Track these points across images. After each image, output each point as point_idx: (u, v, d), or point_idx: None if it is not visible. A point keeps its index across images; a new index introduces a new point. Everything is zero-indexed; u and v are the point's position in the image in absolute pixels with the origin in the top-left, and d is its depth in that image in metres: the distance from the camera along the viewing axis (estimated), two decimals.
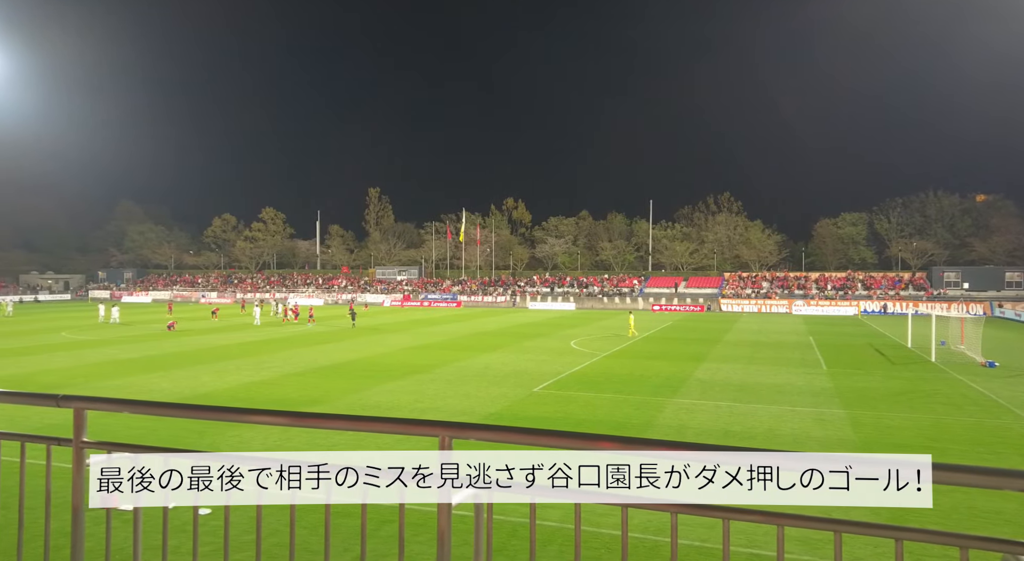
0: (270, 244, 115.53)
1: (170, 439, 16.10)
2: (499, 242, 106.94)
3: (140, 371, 28.56)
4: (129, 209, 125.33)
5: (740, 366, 30.72)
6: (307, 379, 26.69)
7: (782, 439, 17.67)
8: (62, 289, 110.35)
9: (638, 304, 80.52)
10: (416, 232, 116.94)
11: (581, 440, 2.38)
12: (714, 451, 2.30)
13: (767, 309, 76.28)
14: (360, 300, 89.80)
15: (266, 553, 2.70)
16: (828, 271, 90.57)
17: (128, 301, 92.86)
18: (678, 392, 23.96)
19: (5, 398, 3.34)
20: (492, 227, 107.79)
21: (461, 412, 20.71)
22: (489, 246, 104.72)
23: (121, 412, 3.04)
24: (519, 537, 10.59)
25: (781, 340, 43.26)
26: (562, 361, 31.92)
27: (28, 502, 3.06)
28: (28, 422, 17.41)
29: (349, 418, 2.64)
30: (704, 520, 2.38)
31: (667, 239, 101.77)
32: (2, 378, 26.53)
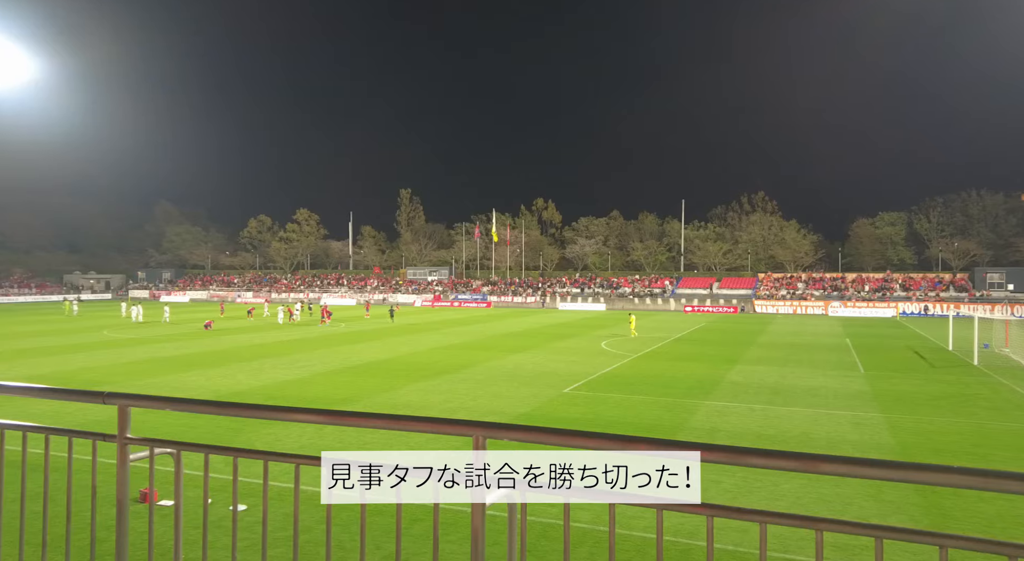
0: (304, 245, 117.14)
1: (208, 436, 16.44)
2: (529, 243, 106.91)
3: (179, 369, 29.20)
4: (167, 210, 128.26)
5: (774, 368, 30.26)
6: (339, 378, 27.00)
7: (816, 443, 17.36)
8: (103, 289, 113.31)
9: (670, 305, 79.80)
10: (447, 233, 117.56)
11: (614, 441, 2.37)
12: (743, 455, 2.27)
13: (802, 310, 74.98)
14: (391, 300, 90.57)
15: (300, 549, 2.74)
16: (865, 272, 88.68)
17: (167, 300, 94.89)
18: (710, 394, 23.68)
19: (54, 395, 3.45)
20: (522, 228, 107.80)
21: (491, 412, 20.76)
22: (519, 247, 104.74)
23: (163, 409, 3.11)
24: (549, 538, 10.58)
25: (817, 342, 42.49)
26: (593, 362, 31.78)
27: (74, 495, 3.15)
28: (72, 418, 17.92)
29: (385, 417, 2.67)
30: (738, 523, 2.35)
31: (700, 239, 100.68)
32: (49, 375, 27.36)
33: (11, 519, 3.23)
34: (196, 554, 2.75)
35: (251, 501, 10.31)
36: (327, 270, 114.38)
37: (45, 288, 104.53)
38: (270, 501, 2.79)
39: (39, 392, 3.51)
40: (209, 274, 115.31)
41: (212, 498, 11.27)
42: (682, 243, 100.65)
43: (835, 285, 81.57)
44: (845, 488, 13.07)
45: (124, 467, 2.99)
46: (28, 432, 3.26)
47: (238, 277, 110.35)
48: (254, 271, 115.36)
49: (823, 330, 52.14)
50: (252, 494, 10.35)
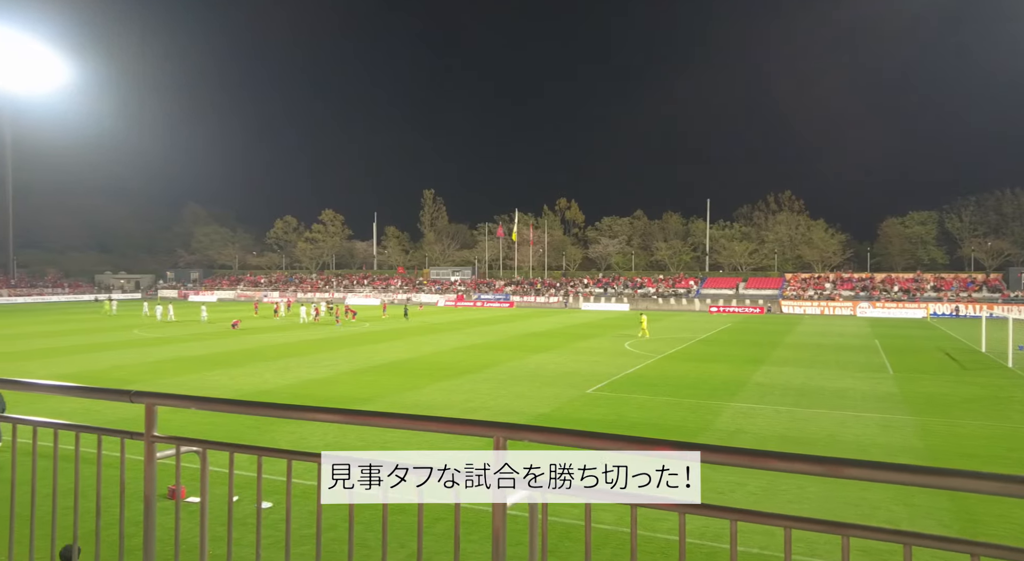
0: (329, 245, 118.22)
1: (232, 434, 16.66)
2: (552, 242, 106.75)
3: (205, 368, 29.64)
4: (195, 211, 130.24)
5: (801, 369, 29.86)
6: (362, 377, 27.20)
7: (844, 445, 17.09)
8: (133, 288, 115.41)
9: (694, 305, 79.16)
10: (469, 233, 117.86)
11: (636, 443, 2.35)
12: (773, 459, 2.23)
13: (830, 311, 73.90)
14: (415, 300, 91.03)
15: (324, 547, 2.76)
16: (895, 272, 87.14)
17: (196, 300, 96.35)
18: (735, 396, 23.45)
19: (84, 393, 3.52)
20: (545, 227, 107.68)
21: (513, 412, 20.77)
22: (542, 246, 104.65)
23: (189, 408, 3.16)
24: (572, 539, 10.55)
25: (844, 343, 41.85)
26: (616, 363, 31.64)
27: (103, 491, 3.21)
28: (102, 416, 18.27)
29: (407, 417, 2.68)
30: (764, 527, 2.32)
31: (725, 239, 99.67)
32: (80, 373, 27.95)
33: (43, 514, 3.31)
34: (222, 550, 2.79)
35: (275, 498, 10.43)
36: (352, 270, 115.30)
37: (78, 288, 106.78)
38: (294, 499, 2.82)
39: (70, 390, 3.59)
40: (236, 274, 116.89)
41: (237, 495, 11.45)
42: (707, 243, 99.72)
43: (863, 285, 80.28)
44: (873, 492, 12.85)
45: (151, 464, 3.04)
46: (59, 429, 3.33)
47: (265, 277, 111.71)
48: (280, 271, 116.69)
49: (851, 331, 51.34)
50: (276, 492, 10.48)
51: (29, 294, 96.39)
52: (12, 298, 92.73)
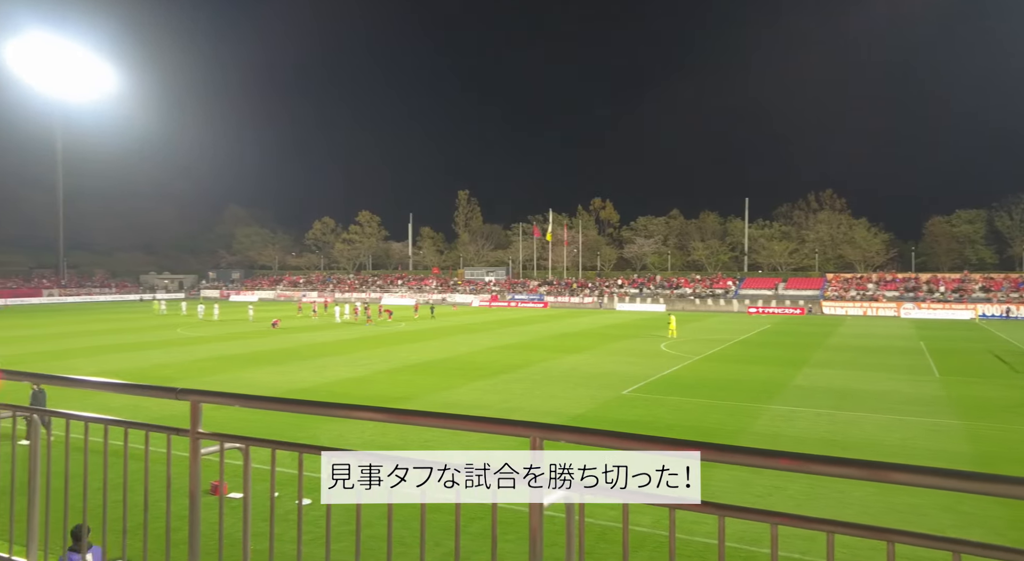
0: (366, 246, 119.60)
1: (272, 431, 16.96)
2: (586, 243, 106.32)
3: (246, 366, 30.26)
4: (236, 213, 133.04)
5: (843, 372, 29.21)
6: (398, 376, 27.47)
7: (888, 450, 16.67)
8: (177, 288, 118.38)
9: (732, 306, 78.02)
10: (503, 233, 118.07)
11: (673, 445, 2.33)
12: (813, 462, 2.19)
13: (873, 312, 72.09)
14: (449, 300, 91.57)
15: (363, 544, 2.80)
16: (941, 272, 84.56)
17: (238, 300, 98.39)
18: (774, 398, 23.05)
19: (132, 390, 3.63)
20: (579, 228, 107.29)
21: (547, 413, 20.74)
22: (576, 247, 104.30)
23: (232, 405, 3.23)
24: (607, 541, 10.50)
25: (888, 345, 40.79)
26: (652, 364, 31.37)
27: (151, 486, 3.31)
28: (147, 412, 18.78)
29: (445, 416, 2.70)
30: (804, 532, 2.28)
31: (764, 238, 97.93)
32: (126, 370, 28.79)
33: (94, 507, 3.42)
34: (263, 545, 2.86)
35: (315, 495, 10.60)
36: (388, 271, 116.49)
37: (124, 288, 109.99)
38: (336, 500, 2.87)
39: (119, 387, 3.71)
40: (276, 274, 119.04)
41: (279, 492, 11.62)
42: (746, 242, 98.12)
43: (908, 286, 78.13)
44: (918, 498, 12.51)
45: (196, 460, 3.12)
46: (109, 425, 3.44)
47: (304, 277, 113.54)
48: (319, 272, 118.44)
49: (895, 332, 50.01)
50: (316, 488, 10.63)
51: (78, 293, 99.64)
52: (63, 297, 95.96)
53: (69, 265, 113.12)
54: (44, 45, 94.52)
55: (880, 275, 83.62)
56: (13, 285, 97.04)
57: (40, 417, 3.75)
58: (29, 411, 3.75)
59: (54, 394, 18.18)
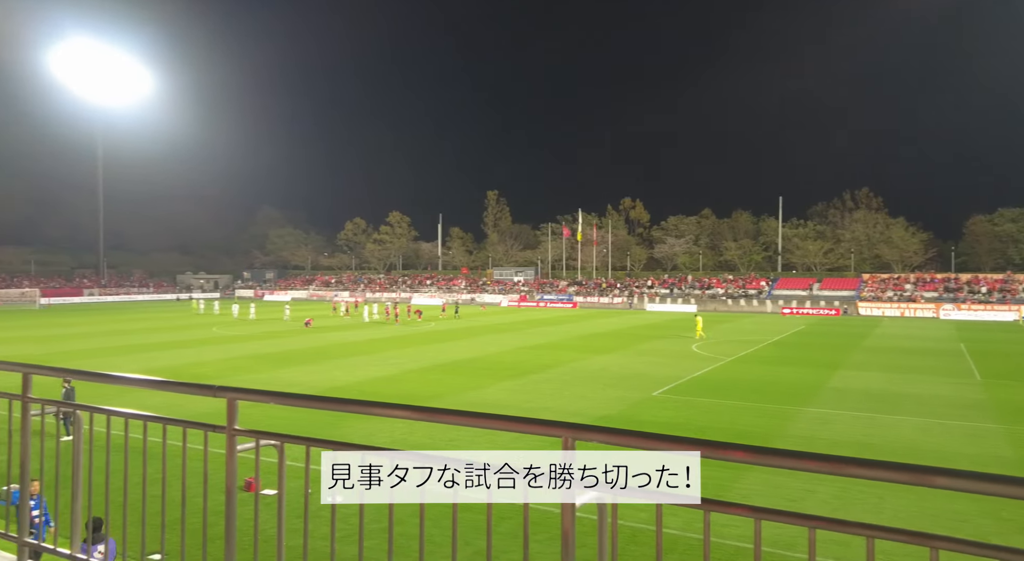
0: (396, 246, 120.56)
1: (306, 428, 17.19)
2: (616, 242, 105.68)
3: (279, 365, 30.71)
4: (270, 214, 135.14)
5: (880, 374, 28.59)
6: (428, 375, 27.62)
7: (926, 454, 16.29)
8: (212, 288, 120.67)
9: (766, 307, 76.89)
10: (532, 233, 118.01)
11: (707, 448, 2.30)
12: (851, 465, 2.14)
13: (911, 313, 70.43)
14: (478, 300, 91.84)
15: (394, 541, 2.82)
16: (983, 272, 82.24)
17: (272, 300, 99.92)
18: (809, 401, 22.66)
19: (171, 387, 3.71)
20: (609, 227, 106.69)
21: (576, 413, 20.66)
22: (606, 247, 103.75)
23: (267, 403, 3.28)
24: (638, 542, 10.42)
25: (927, 347, 39.81)
26: (683, 365, 31.06)
27: (188, 481, 3.38)
28: (182, 409, 19.16)
29: (476, 415, 2.71)
30: (838, 536, 2.23)
31: (798, 238, 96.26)
32: (164, 368, 29.43)
33: (134, 501, 3.50)
34: (297, 541, 2.90)
35: None
36: (417, 271, 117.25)
37: (160, 287, 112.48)
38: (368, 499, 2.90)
39: (159, 384, 3.79)
40: (309, 274, 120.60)
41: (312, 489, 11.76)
42: (779, 242, 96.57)
43: (948, 286, 76.16)
44: (958, 504, 12.19)
45: (232, 457, 3.17)
46: (148, 422, 3.52)
47: (335, 277, 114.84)
48: (350, 272, 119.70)
49: (934, 334, 48.79)
50: None
51: (117, 293, 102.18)
52: (102, 297, 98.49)
53: (109, 265, 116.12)
54: (85, 51, 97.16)
55: (918, 275, 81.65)
56: (56, 285, 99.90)
57: (79, 413, 3.85)
58: (72, 407, 3.85)
59: (96, 391, 18.69)
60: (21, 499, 3.93)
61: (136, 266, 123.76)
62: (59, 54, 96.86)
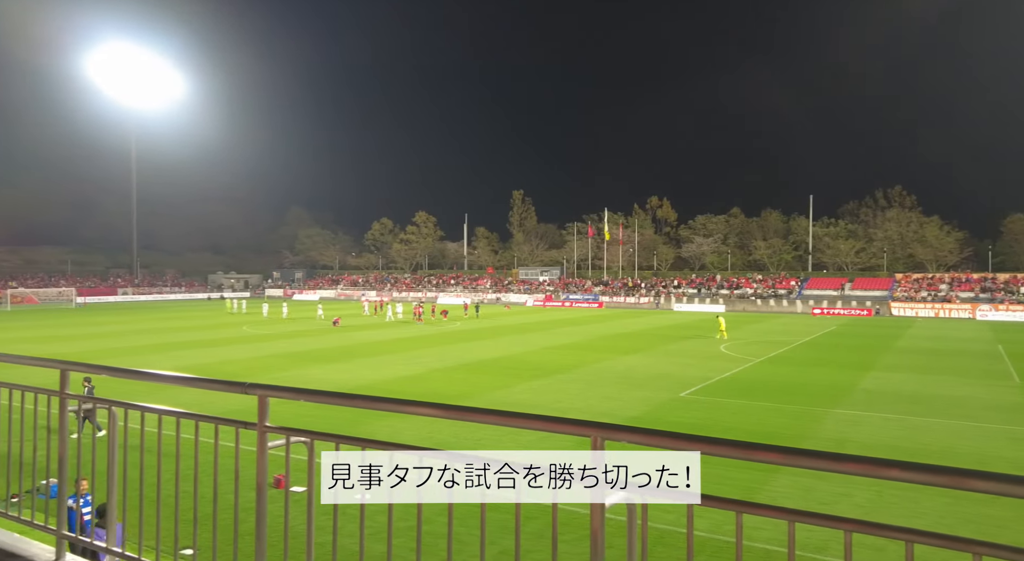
0: (422, 246, 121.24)
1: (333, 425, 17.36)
2: (642, 242, 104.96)
3: (309, 363, 31.07)
4: (299, 214, 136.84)
5: (913, 376, 28.01)
6: (454, 374, 27.71)
7: (962, 457, 15.91)
8: (242, 287, 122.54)
9: (796, 307, 75.79)
10: (558, 233, 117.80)
11: (738, 449, 2.26)
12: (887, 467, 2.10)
13: (946, 314, 68.87)
14: (503, 300, 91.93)
15: (422, 540, 2.83)
16: (1021, 272, 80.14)
17: (299, 299, 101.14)
18: (840, 402, 22.28)
19: (202, 384, 3.77)
20: (635, 226, 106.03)
21: (603, 414, 20.57)
22: (632, 246, 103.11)
23: (297, 400, 3.32)
24: (666, 544, 10.34)
25: (963, 348, 38.89)
26: (711, 366, 30.75)
27: (219, 478, 3.42)
28: (213, 406, 19.49)
29: (503, 414, 2.70)
30: (873, 540, 2.18)
31: (829, 237, 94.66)
32: (196, 365, 29.95)
33: (167, 496, 3.56)
34: (326, 538, 2.93)
35: None
36: (443, 270, 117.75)
37: (192, 287, 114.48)
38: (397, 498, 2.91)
39: (190, 381, 3.85)
40: (336, 274, 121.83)
41: None
42: (810, 241, 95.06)
43: (984, 286, 74.32)
44: (996, 509, 11.88)
45: (263, 454, 3.21)
46: (181, 418, 3.58)
47: (363, 277, 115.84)
48: (377, 271, 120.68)
49: (970, 335, 47.64)
50: None
51: (150, 292, 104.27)
52: (136, 296, 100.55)
53: (142, 265, 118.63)
54: (120, 55, 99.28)
55: (953, 275, 79.83)
56: (92, 284, 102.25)
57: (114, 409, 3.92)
58: (107, 403, 3.93)
59: (130, 388, 19.09)
60: (60, 493, 4.02)
61: (169, 266, 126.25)
62: (95, 58, 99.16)
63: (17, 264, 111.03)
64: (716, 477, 13.77)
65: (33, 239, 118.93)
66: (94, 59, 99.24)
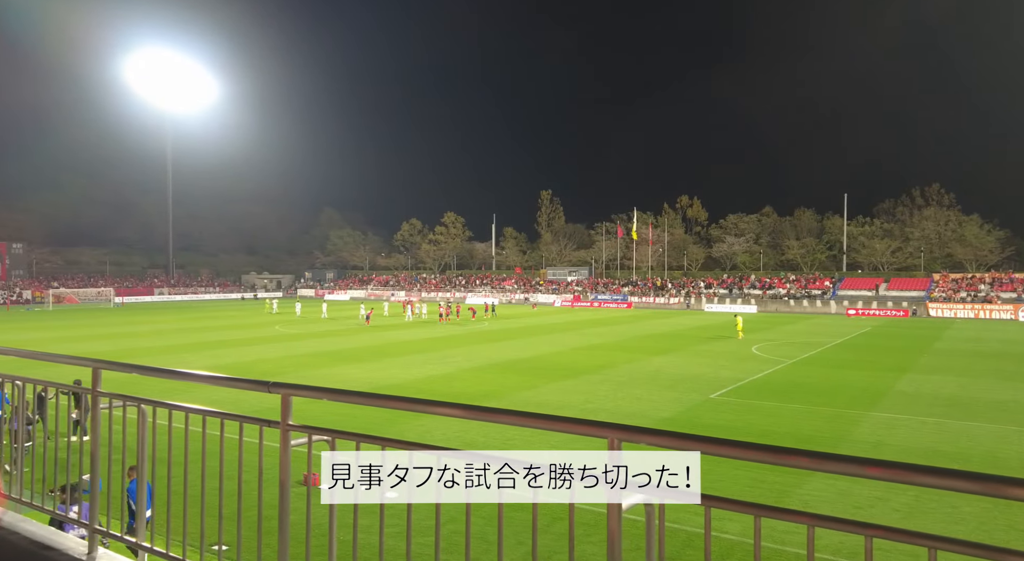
0: (451, 246, 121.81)
1: (360, 426, 17.52)
2: (672, 242, 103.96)
3: (338, 362, 31.41)
4: (331, 216, 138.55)
5: (952, 378, 27.29)
6: (483, 374, 27.77)
7: (1006, 463, 15.45)
8: (275, 287, 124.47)
9: (830, 308, 74.42)
10: (586, 233, 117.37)
11: (764, 453, 2.21)
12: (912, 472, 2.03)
13: (986, 315, 67.00)
14: (531, 300, 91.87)
15: (444, 539, 2.83)
16: None
17: (331, 299, 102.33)
18: (876, 405, 21.81)
19: (226, 382, 3.84)
20: (665, 226, 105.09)
21: (631, 415, 20.42)
22: (661, 246, 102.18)
23: (321, 399, 3.35)
24: (694, 547, 10.22)
25: (1005, 350, 37.78)
26: (742, 367, 30.34)
27: (244, 475, 3.47)
28: (246, 405, 19.81)
29: (522, 415, 2.69)
30: (907, 547, 2.12)
31: (864, 236, 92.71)
32: (229, 364, 30.48)
33: (194, 492, 3.62)
34: (348, 536, 2.96)
35: None
36: (472, 271, 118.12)
37: (226, 287, 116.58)
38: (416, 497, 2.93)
39: (215, 380, 3.92)
40: (367, 274, 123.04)
41: None
42: (844, 241, 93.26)
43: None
44: None
45: (286, 451, 3.25)
46: (207, 416, 3.64)
47: (392, 277, 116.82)
48: (406, 271, 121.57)
49: (1013, 337, 46.25)
50: None
51: (185, 292, 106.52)
52: (171, 296, 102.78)
53: (178, 265, 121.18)
54: (157, 58, 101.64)
55: (994, 275, 77.60)
56: (129, 284, 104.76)
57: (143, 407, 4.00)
58: (138, 401, 4.01)
59: (163, 386, 19.50)
60: (92, 489, 4.12)
61: (204, 266, 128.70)
62: (133, 63, 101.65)
63: (59, 265, 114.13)
64: (749, 480, 13.58)
65: (73, 240, 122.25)
66: (132, 64, 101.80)
